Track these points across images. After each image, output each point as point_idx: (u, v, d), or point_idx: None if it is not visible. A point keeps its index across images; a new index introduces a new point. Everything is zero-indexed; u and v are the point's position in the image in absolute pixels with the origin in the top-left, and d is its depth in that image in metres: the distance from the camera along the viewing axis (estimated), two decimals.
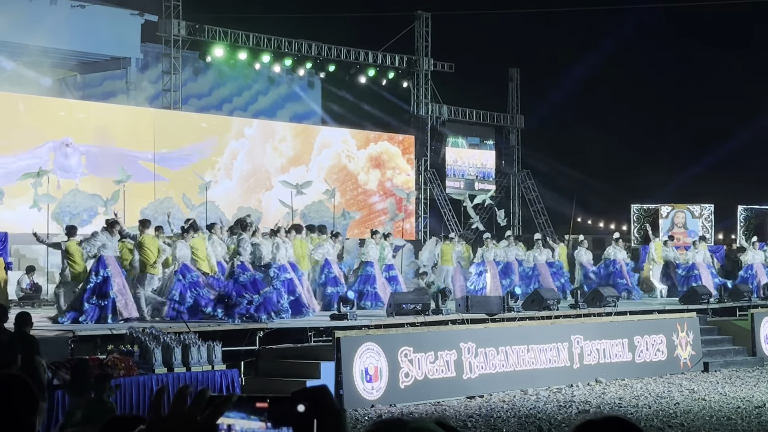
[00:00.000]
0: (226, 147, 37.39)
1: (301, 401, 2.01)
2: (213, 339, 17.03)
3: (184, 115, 37.09)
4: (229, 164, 37.27)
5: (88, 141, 33.00)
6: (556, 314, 23.95)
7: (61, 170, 31.33)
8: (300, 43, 40.32)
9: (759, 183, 48.54)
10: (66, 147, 32.16)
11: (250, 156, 37.97)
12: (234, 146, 37.63)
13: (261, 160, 38.26)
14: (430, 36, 44.09)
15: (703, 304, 27.49)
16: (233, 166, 37.43)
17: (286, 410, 2.00)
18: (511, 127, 48.29)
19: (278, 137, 39.28)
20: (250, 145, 38.02)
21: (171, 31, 36.63)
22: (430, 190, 44.24)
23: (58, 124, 32.67)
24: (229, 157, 37.33)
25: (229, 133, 37.78)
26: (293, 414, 2.00)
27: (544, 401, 19.66)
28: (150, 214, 29.48)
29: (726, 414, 18.10)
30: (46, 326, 17.92)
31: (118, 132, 33.72)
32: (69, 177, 31.73)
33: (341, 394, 18.21)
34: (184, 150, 35.64)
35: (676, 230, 39.04)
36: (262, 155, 38.35)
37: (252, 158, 37.99)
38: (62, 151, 32.27)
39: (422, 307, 21.89)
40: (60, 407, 13.91)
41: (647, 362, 23.87)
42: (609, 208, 57.52)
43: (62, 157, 32.03)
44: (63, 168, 31.50)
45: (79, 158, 32.44)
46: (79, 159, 32.46)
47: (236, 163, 37.54)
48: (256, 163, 38.05)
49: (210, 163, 36.40)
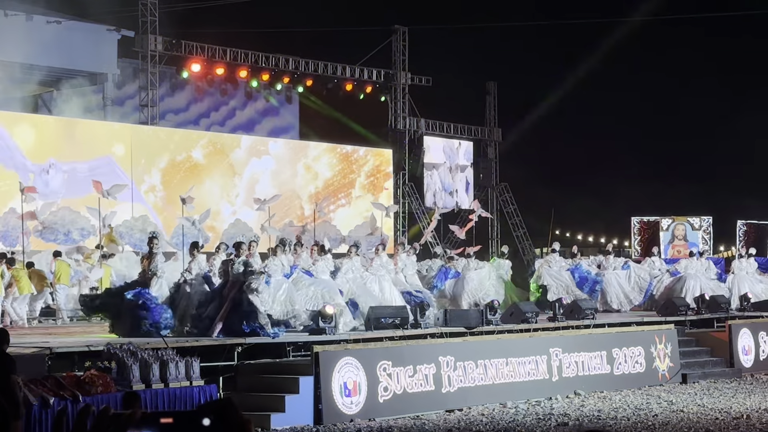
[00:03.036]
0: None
1: (206, 415, 1.98)
2: (191, 354, 16.96)
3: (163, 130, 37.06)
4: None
5: (66, 158, 32.88)
6: (535, 327, 23.97)
7: (42, 195, 31.04)
8: (277, 58, 40.34)
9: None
10: (48, 170, 31.78)
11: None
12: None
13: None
14: (407, 50, 44.18)
15: (681, 315, 27.58)
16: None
17: (192, 425, 1.98)
18: (488, 140, 48.37)
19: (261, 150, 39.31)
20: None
21: (148, 46, 36.60)
22: (409, 204, 44.27)
23: (36, 140, 32.56)
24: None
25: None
26: (199, 428, 1.97)
27: (523, 414, 19.66)
28: (123, 232, 29.49)
29: (704, 425, 18.14)
30: (22, 343, 17.81)
31: (96, 146, 33.64)
32: (50, 199, 31.54)
33: (320, 409, 18.18)
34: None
35: (676, 242, 39.29)
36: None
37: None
38: (43, 178, 31.89)
39: (401, 321, 21.87)
40: (37, 425, 13.83)
41: (626, 374, 23.92)
42: (586, 220, 57.71)
43: (43, 184, 31.64)
44: (44, 193, 31.20)
45: (62, 179, 32.21)
46: (62, 179, 32.22)
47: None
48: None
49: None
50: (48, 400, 14.08)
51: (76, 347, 17.37)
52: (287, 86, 42.05)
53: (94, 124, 34.98)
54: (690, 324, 27.76)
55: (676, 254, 36.55)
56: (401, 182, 44.15)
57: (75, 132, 33.79)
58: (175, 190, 33.25)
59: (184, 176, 36.27)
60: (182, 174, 36.45)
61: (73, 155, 33.13)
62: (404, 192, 44.23)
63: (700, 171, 57.04)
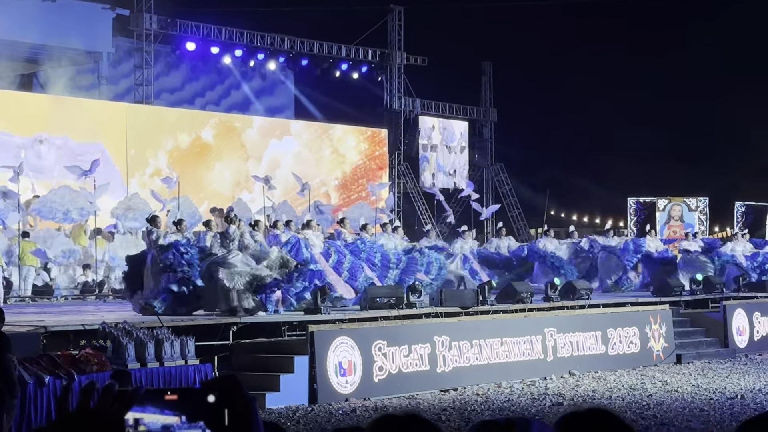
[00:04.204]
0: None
1: (211, 392, 1.97)
2: (186, 334, 16.96)
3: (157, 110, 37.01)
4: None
5: (58, 132, 32.77)
6: (530, 307, 23.99)
7: (35, 171, 30.98)
8: (272, 37, 40.25)
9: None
10: (39, 144, 31.74)
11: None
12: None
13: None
14: (403, 30, 44.09)
15: (675, 296, 27.61)
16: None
17: (196, 402, 1.96)
18: (484, 120, 48.34)
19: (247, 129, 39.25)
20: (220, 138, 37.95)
21: (143, 25, 36.50)
22: (404, 183, 44.25)
23: (29, 119, 32.48)
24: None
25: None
26: (204, 405, 1.96)
27: (517, 394, 19.70)
28: (119, 213, 29.49)
29: (699, 405, 18.18)
30: (17, 321, 17.80)
31: (90, 127, 33.57)
32: (44, 178, 31.46)
33: (315, 389, 18.19)
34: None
35: (672, 223, 39.33)
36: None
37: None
38: (35, 150, 31.88)
39: (396, 300, 21.88)
40: (32, 404, 13.83)
41: (620, 354, 23.95)
42: (581, 200, 57.71)
43: (35, 157, 31.64)
44: (37, 169, 31.15)
45: (55, 155, 32.12)
46: (56, 156, 32.13)
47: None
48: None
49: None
50: (43, 378, 14.07)
51: (71, 326, 17.36)
52: (282, 65, 41.97)
53: (89, 103, 34.91)
54: (685, 304, 27.79)
55: (672, 235, 36.59)
56: (396, 162, 44.12)
57: (68, 109, 33.69)
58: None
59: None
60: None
61: (66, 130, 33.04)
62: (399, 172, 44.20)
63: (697, 152, 57.03)
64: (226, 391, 1.97)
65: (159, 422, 1.95)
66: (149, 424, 1.95)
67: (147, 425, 1.95)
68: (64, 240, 28.35)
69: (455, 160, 46.73)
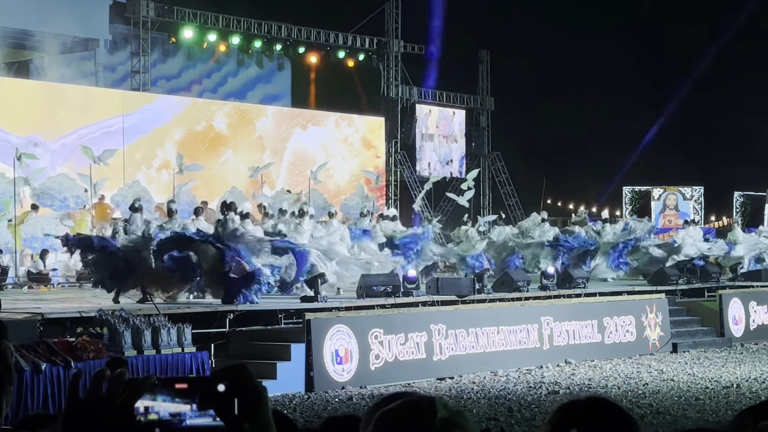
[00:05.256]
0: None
1: (221, 380, 1.98)
2: (183, 321, 16.98)
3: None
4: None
5: (56, 128, 32.70)
6: (526, 296, 24.01)
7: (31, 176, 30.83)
8: (270, 25, 40.19)
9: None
10: (34, 147, 31.50)
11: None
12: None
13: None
14: (401, 18, 44.05)
15: (671, 285, 27.64)
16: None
17: (207, 390, 1.97)
18: (481, 109, 48.33)
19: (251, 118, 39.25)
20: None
21: (140, 12, 36.43)
22: (401, 172, 44.25)
23: (25, 108, 32.43)
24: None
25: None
26: (214, 394, 1.97)
27: (513, 382, 19.73)
28: (119, 200, 29.50)
29: (694, 394, 18.22)
30: (14, 308, 17.81)
31: (87, 113, 33.54)
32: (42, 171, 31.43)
33: (312, 376, 18.23)
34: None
35: (668, 212, 39.35)
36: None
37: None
38: (30, 151, 31.64)
39: (393, 288, 21.89)
40: (29, 391, 13.84)
41: (616, 343, 23.99)
42: (578, 190, 57.67)
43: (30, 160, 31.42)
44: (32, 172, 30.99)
45: (50, 157, 32.02)
46: (51, 158, 32.04)
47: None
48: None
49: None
50: (40, 365, 14.09)
51: (68, 313, 17.37)
52: (280, 53, 41.92)
53: (91, 91, 34.88)
54: (681, 293, 27.83)
55: (668, 224, 36.63)
56: (393, 150, 44.10)
57: (67, 98, 33.64)
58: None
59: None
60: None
61: (66, 125, 32.98)
62: (396, 160, 44.19)
63: (693, 141, 56.99)
64: (237, 380, 1.98)
65: (169, 410, 1.96)
66: (159, 412, 1.96)
67: (157, 413, 1.96)
68: (61, 227, 28.33)
69: (452, 148, 46.72)
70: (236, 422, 1.97)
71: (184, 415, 1.96)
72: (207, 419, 1.97)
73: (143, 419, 1.96)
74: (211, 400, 1.97)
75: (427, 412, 2.17)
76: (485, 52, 48.40)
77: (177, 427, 1.96)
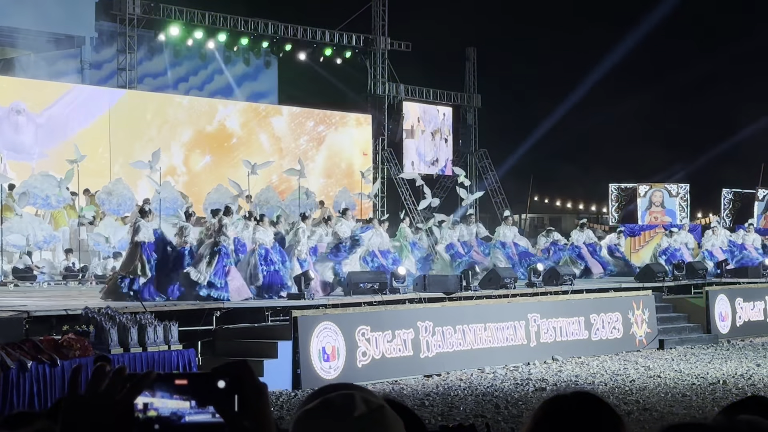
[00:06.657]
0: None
1: (221, 377, 1.97)
2: (169, 319, 16.93)
3: None
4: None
5: (40, 108, 32.58)
6: (513, 293, 24.03)
7: (12, 150, 30.71)
8: (256, 22, 40.13)
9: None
10: (17, 115, 31.37)
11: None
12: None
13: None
14: (387, 15, 44.01)
15: (658, 281, 27.70)
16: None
17: (206, 387, 1.96)
18: (468, 106, 48.33)
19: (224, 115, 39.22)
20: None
21: (126, 9, 36.35)
22: (387, 169, 44.22)
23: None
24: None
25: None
26: (214, 390, 1.96)
27: (501, 379, 19.73)
28: (104, 198, 29.44)
29: (681, 391, 18.25)
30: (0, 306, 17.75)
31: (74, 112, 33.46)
32: (23, 159, 31.26)
33: (299, 374, 18.20)
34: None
35: (654, 209, 39.36)
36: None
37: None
38: (12, 120, 31.51)
39: (379, 286, 21.88)
40: (14, 389, 13.79)
41: (603, 340, 24.01)
42: (565, 187, 57.80)
43: (12, 130, 31.33)
44: (14, 148, 30.89)
45: (34, 132, 31.87)
46: (35, 133, 31.89)
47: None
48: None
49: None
50: (26, 363, 14.03)
51: (54, 311, 17.31)
52: (266, 51, 41.86)
53: (85, 89, 34.85)
54: (667, 290, 27.88)
55: (653, 221, 36.62)
56: (380, 148, 44.08)
57: (62, 94, 33.58)
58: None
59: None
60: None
61: (50, 101, 32.86)
62: (383, 158, 44.16)
63: (678, 138, 57.16)
64: (237, 377, 1.96)
65: (168, 407, 1.95)
66: (159, 409, 1.95)
67: (156, 409, 1.95)
68: (45, 226, 28.25)
69: (438, 146, 46.70)
70: (236, 419, 1.96)
71: (184, 411, 1.96)
72: (206, 416, 1.96)
73: (142, 416, 1.95)
74: (211, 397, 1.96)
75: (342, 411, 2.15)
76: (472, 49, 48.40)
77: (176, 424, 1.96)
